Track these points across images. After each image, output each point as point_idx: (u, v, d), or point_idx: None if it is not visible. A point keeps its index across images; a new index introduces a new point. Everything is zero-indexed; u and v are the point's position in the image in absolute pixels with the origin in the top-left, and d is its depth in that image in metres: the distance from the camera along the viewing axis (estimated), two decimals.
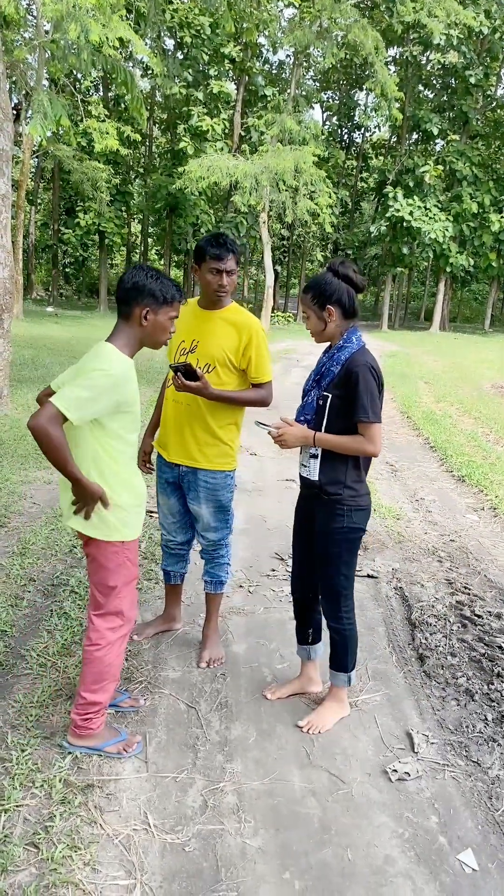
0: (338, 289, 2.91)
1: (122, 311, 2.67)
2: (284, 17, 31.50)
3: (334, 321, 2.93)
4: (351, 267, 2.94)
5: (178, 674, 3.52)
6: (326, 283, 2.91)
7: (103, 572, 2.77)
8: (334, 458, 2.94)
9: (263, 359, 3.40)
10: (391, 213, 34.21)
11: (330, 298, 2.91)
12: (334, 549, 3.01)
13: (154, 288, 2.64)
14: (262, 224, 27.92)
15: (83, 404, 2.46)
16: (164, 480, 3.60)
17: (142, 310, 2.63)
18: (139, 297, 2.62)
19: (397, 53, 36.90)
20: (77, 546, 4.92)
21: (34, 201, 42.84)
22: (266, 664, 3.68)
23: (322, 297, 2.92)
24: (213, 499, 3.48)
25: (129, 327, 2.67)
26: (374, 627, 4.15)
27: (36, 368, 13.27)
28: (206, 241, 3.32)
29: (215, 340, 3.35)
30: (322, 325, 2.97)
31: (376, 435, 2.84)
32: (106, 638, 2.81)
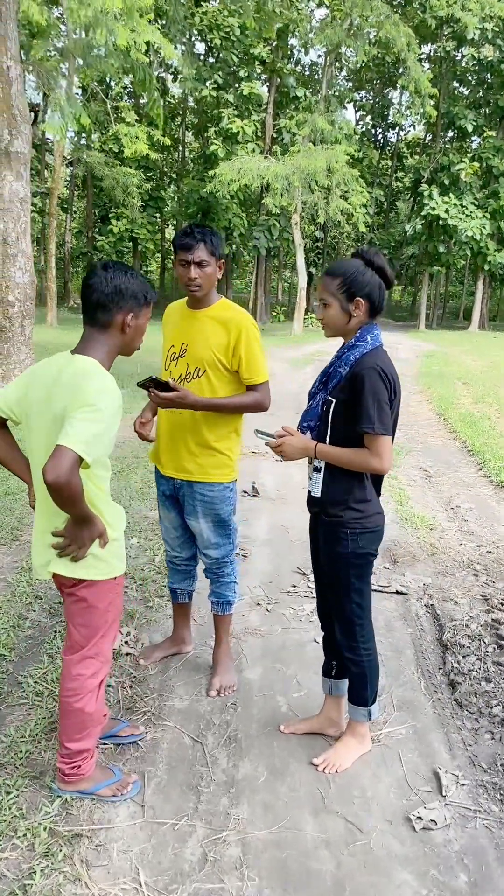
0: (371, 281, 2.58)
1: (99, 319, 2.33)
2: (315, 17, 31.27)
3: (359, 316, 2.62)
4: (384, 258, 2.63)
5: (185, 703, 3.25)
6: (360, 272, 2.58)
7: (92, 613, 2.47)
8: (339, 473, 2.63)
9: (255, 357, 3.08)
10: (427, 211, 33.64)
11: (361, 290, 2.58)
12: (342, 576, 2.71)
13: (136, 289, 2.36)
14: (294, 226, 27.63)
15: (99, 440, 2.15)
16: (162, 493, 3.35)
17: (125, 315, 2.34)
18: (122, 301, 2.32)
19: (431, 50, 36.36)
20: None
21: (69, 209, 43.19)
22: (282, 692, 3.39)
23: (353, 286, 2.58)
24: (211, 513, 3.21)
25: (108, 336, 2.36)
26: (401, 650, 3.83)
27: None
28: (178, 232, 3.07)
29: (203, 341, 3.07)
30: (345, 319, 2.63)
31: (383, 449, 2.52)
32: (86, 686, 2.51)
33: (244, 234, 33.91)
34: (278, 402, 4.52)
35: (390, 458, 2.55)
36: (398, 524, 5.79)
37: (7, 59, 7.84)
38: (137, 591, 4.32)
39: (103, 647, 2.54)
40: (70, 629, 2.52)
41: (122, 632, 3.75)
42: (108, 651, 2.58)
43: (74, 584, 2.44)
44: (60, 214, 44.42)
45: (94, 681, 2.54)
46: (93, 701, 2.54)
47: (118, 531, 2.48)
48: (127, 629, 3.79)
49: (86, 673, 2.52)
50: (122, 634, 3.73)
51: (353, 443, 2.56)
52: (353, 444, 2.57)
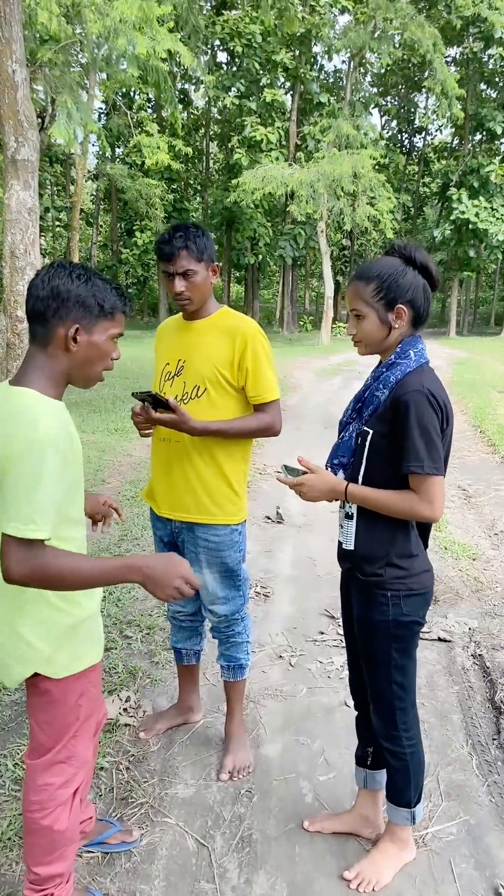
0: (413, 283, 2.06)
1: (37, 332, 1.79)
2: (339, 23, 30.88)
3: (402, 328, 2.10)
4: (426, 256, 2.11)
5: (190, 791, 2.72)
6: (399, 272, 2.06)
7: (57, 709, 1.94)
8: (375, 521, 2.10)
9: (264, 371, 2.58)
10: (456, 215, 32.91)
11: (403, 295, 2.06)
12: (380, 650, 2.17)
13: (84, 294, 1.79)
14: (319, 233, 27.13)
15: (45, 510, 1.65)
16: (159, 539, 2.83)
17: (67, 328, 1.77)
18: (62, 308, 1.77)
19: (457, 53, 35.72)
20: None
21: (94, 223, 43.22)
22: (306, 774, 2.84)
23: (392, 290, 2.06)
24: (216, 562, 2.69)
25: (49, 356, 1.79)
26: (447, 715, 3.26)
27: (85, 391, 12.74)
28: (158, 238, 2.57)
29: (203, 355, 2.58)
30: (384, 332, 2.11)
31: (435, 492, 1.99)
32: (55, 798, 1.98)
33: (270, 244, 33.48)
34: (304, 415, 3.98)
35: (442, 502, 2.01)
36: (437, 553, 5.22)
37: (12, 62, 7.46)
38: (143, 642, 3.80)
39: (76, 749, 2.01)
40: (32, 727, 2.00)
41: (121, 697, 3.24)
42: (84, 752, 2.05)
43: (34, 674, 1.91)
44: (86, 229, 44.53)
45: (65, 791, 2.01)
46: (65, 816, 2.01)
47: (89, 610, 1.96)
48: (126, 693, 3.27)
49: (54, 782, 1.99)
50: (121, 700, 3.22)
51: (393, 483, 2.03)
52: (393, 485, 2.04)
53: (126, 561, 1.75)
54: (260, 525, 5.80)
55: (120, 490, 6.48)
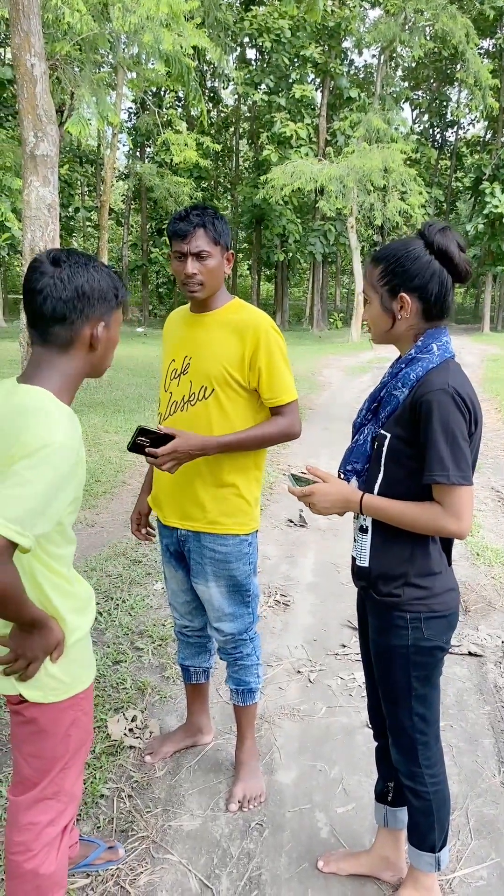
0: (424, 269, 1.81)
1: (58, 336, 1.63)
2: (369, 17, 30.47)
3: (407, 319, 1.87)
4: (454, 237, 1.83)
5: (196, 823, 2.51)
6: (410, 256, 1.82)
7: (45, 740, 1.74)
8: (393, 536, 1.87)
9: (279, 371, 2.35)
10: (489, 209, 32.28)
11: (408, 281, 1.82)
12: (398, 678, 1.94)
13: (105, 286, 1.65)
14: (350, 229, 26.79)
15: (36, 516, 1.47)
16: (166, 548, 2.62)
17: (93, 327, 1.64)
18: (88, 308, 1.62)
19: (490, 45, 35.06)
20: None
21: (125, 223, 43.30)
22: (322, 806, 2.61)
23: (397, 275, 1.84)
24: (223, 574, 2.47)
25: (70, 358, 1.65)
26: (478, 739, 3.01)
27: (112, 391, 12.62)
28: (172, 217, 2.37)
29: (211, 353, 2.36)
30: (388, 322, 1.89)
31: (462, 505, 1.74)
32: (41, 839, 1.77)
33: (300, 241, 33.22)
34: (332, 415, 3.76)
35: (471, 516, 1.76)
36: (468, 560, 4.95)
37: (31, 56, 7.31)
38: (154, 654, 3.60)
39: (65, 784, 1.81)
40: (17, 760, 1.80)
41: (127, 716, 3.04)
42: (73, 787, 1.84)
43: (20, 700, 1.72)
44: (116, 229, 44.63)
45: (52, 830, 1.81)
46: (52, 857, 1.81)
47: (80, 631, 1.76)
48: (133, 712, 3.08)
49: (41, 820, 1.79)
50: (127, 720, 3.03)
51: (414, 493, 1.80)
52: (414, 496, 1.80)
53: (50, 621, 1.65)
54: (282, 529, 5.57)
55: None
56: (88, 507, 5.88)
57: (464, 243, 1.85)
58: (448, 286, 1.84)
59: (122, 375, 14.86)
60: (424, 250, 1.83)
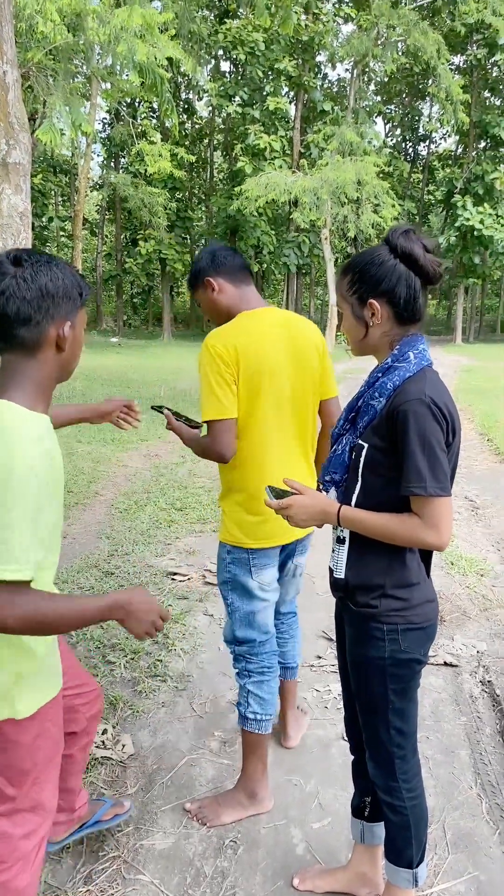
0: (390, 273, 1.79)
1: (23, 339, 1.55)
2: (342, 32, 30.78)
3: (381, 325, 1.85)
4: (418, 240, 1.80)
5: (169, 841, 2.45)
6: (375, 261, 1.80)
7: (14, 752, 1.66)
8: (370, 547, 1.83)
9: (202, 391, 2.35)
10: (461, 222, 32.77)
11: (376, 287, 1.81)
12: (375, 691, 1.90)
13: (69, 284, 1.60)
14: (324, 241, 26.94)
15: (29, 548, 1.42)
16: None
17: (59, 327, 1.58)
18: (53, 307, 1.56)
19: (461, 61, 35.63)
20: None
21: (99, 233, 43.22)
22: (298, 821, 2.57)
23: (364, 282, 1.82)
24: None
25: (39, 362, 1.58)
26: (454, 750, 2.99)
27: (85, 401, 12.51)
28: None
29: None
30: (361, 330, 1.87)
31: (440, 516, 1.71)
32: (16, 851, 1.70)
33: (274, 252, 33.36)
34: None
35: (450, 527, 1.73)
36: (443, 569, 4.94)
37: (3, 63, 7.25)
38: (126, 668, 3.53)
39: (42, 797, 1.74)
40: None
41: (99, 730, 2.98)
42: (50, 800, 1.77)
43: None
44: (90, 239, 44.51)
45: (27, 843, 1.72)
46: (26, 872, 1.72)
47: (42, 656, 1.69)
48: (104, 726, 3.01)
49: (15, 833, 1.70)
50: (99, 733, 2.96)
51: (394, 504, 1.77)
52: (393, 507, 1.77)
53: (108, 601, 1.55)
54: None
55: (113, 502, 6.23)
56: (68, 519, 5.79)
57: (431, 244, 1.81)
58: (416, 288, 1.81)
59: (97, 386, 14.77)
60: (389, 255, 1.81)
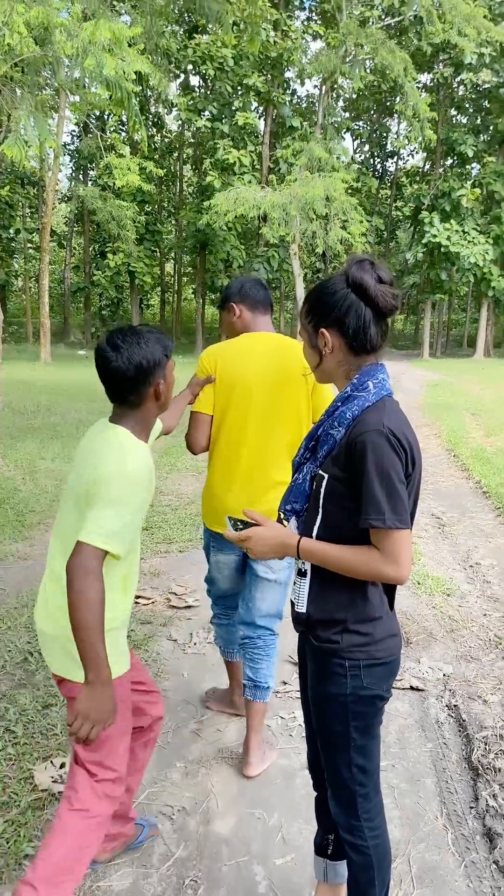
0: (340, 302, 1.76)
1: (131, 400, 2.05)
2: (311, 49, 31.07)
3: (334, 354, 1.82)
4: (370, 271, 1.76)
5: (127, 882, 2.37)
6: (328, 290, 1.79)
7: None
8: (332, 580, 1.79)
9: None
10: (428, 238, 33.15)
11: (326, 316, 1.80)
12: (336, 728, 1.86)
13: (158, 353, 2.04)
14: (293, 255, 27.07)
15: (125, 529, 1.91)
16: None
17: (155, 386, 2.06)
18: (148, 375, 2.03)
19: (428, 80, 36.19)
20: (34, 654, 3.82)
21: (67, 246, 43.01)
22: (260, 857, 2.50)
23: (315, 311, 1.83)
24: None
25: (143, 409, 2.08)
26: (419, 779, 2.95)
27: (50, 415, 12.38)
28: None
29: None
30: (315, 358, 1.87)
31: (400, 550, 1.68)
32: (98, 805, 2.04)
33: (243, 266, 33.44)
34: None
35: (409, 561, 1.70)
36: (409, 589, 4.92)
37: None
38: None
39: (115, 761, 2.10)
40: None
41: (55, 763, 2.89)
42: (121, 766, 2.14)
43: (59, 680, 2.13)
44: (58, 251, 44.27)
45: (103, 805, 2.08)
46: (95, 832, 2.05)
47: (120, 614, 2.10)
48: (63, 759, 2.92)
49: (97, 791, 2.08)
50: (55, 767, 2.87)
51: (355, 536, 1.73)
52: (354, 538, 1.74)
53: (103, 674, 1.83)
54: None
55: None
56: (22, 539, 5.68)
57: (386, 276, 1.77)
58: (366, 318, 1.77)
59: (62, 399, 14.62)
60: (344, 284, 1.78)
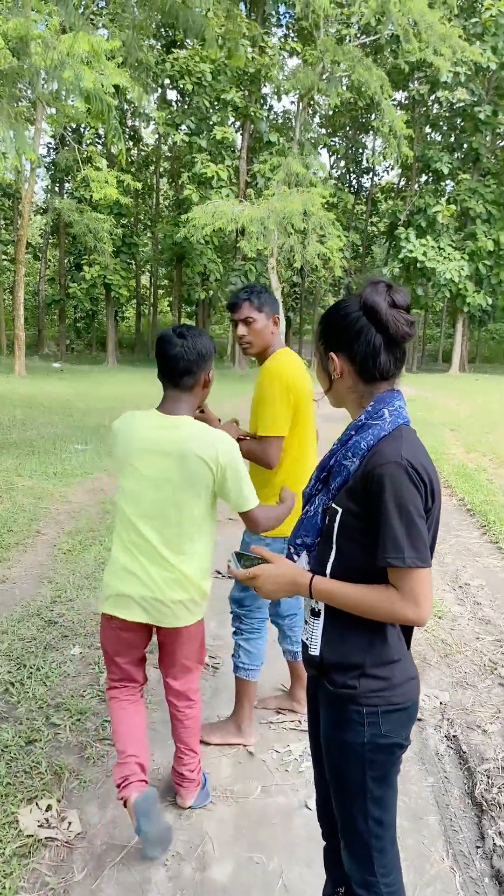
0: (351, 326, 1.67)
1: (185, 383, 2.46)
2: (288, 65, 31.25)
3: (345, 380, 1.73)
4: (384, 294, 1.66)
5: None
6: (340, 312, 1.71)
7: (196, 644, 2.66)
8: (348, 622, 1.68)
9: (262, 407, 2.91)
10: (404, 254, 33.42)
11: (335, 340, 1.72)
12: (352, 777, 1.74)
13: (212, 347, 2.50)
14: (270, 270, 27.09)
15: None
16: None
17: (206, 374, 2.51)
18: (204, 363, 2.47)
19: (403, 98, 36.59)
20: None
21: (42, 258, 42.73)
22: None
23: (326, 334, 1.75)
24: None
25: (194, 395, 2.51)
26: (422, 816, 2.83)
27: (26, 430, 12.14)
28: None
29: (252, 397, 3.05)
30: (325, 382, 1.80)
31: (420, 589, 1.58)
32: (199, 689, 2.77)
33: (220, 280, 33.45)
34: None
35: (430, 601, 1.60)
36: None
37: None
38: (72, 730, 3.28)
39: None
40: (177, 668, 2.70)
41: (41, 805, 2.73)
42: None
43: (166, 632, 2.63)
44: (33, 263, 43.97)
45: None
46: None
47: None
48: (48, 801, 2.76)
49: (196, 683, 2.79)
50: (41, 810, 2.71)
51: (371, 572, 1.63)
52: (370, 575, 1.63)
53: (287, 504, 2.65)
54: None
55: (56, 543, 5.95)
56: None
57: (402, 299, 1.67)
58: (376, 345, 1.67)
59: (37, 414, 14.38)
60: (357, 306, 1.69)
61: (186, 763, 2.70)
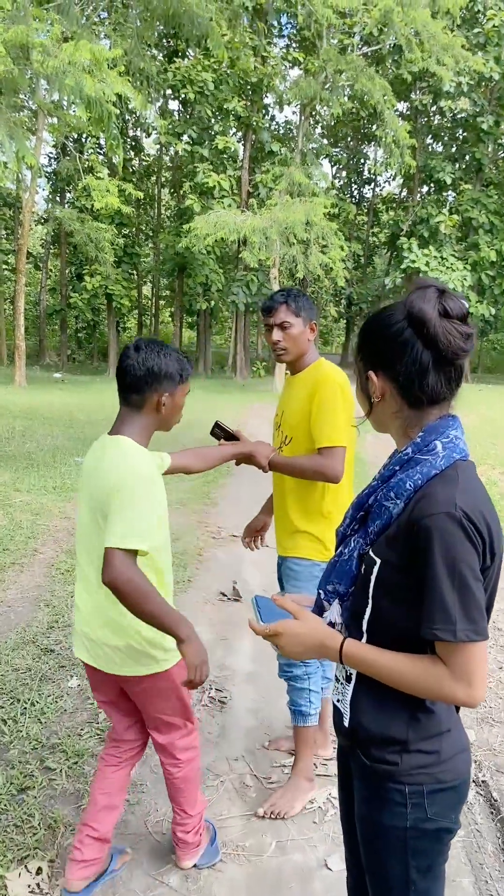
0: (394, 340, 1.41)
1: (132, 399, 2.20)
2: (290, 75, 31.19)
3: (384, 402, 1.47)
4: (434, 300, 1.38)
5: None
6: (382, 322, 1.44)
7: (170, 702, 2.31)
8: (387, 692, 1.42)
9: (324, 416, 2.69)
10: (406, 264, 33.24)
11: (375, 356, 1.45)
12: (393, 866, 1.48)
13: (171, 369, 2.21)
14: (272, 280, 26.91)
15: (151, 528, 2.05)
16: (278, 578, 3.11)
17: (159, 396, 2.21)
18: (155, 382, 2.19)
19: (405, 108, 36.52)
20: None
21: (43, 268, 42.62)
22: None
23: (366, 348, 1.47)
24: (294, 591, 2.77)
25: (143, 416, 2.22)
26: (455, 879, 2.56)
27: (25, 442, 11.89)
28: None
29: (292, 408, 2.85)
30: (365, 405, 1.52)
31: (473, 666, 1.30)
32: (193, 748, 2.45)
33: (222, 290, 33.28)
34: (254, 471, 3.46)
35: (484, 679, 1.33)
36: None
37: None
38: (69, 776, 3.01)
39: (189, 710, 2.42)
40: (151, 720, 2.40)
41: (30, 868, 2.46)
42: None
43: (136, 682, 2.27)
44: (34, 273, 43.87)
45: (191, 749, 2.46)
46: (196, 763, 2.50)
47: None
48: (39, 862, 2.49)
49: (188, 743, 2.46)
50: (30, 873, 2.44)
51: (413, 637, 1.36)
52: (412, 640, 1.37)
53: (187, 627, 2.00)
54: (213, 604, 5.07)
55: (54, 562, 5.68)
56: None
57: (457, 307, 1.38)
58: (423, 363, 1.39)
59: (37, 425, 14.11)
60: (402, 315, 1.42)
61: (179, 823, 2.48)
